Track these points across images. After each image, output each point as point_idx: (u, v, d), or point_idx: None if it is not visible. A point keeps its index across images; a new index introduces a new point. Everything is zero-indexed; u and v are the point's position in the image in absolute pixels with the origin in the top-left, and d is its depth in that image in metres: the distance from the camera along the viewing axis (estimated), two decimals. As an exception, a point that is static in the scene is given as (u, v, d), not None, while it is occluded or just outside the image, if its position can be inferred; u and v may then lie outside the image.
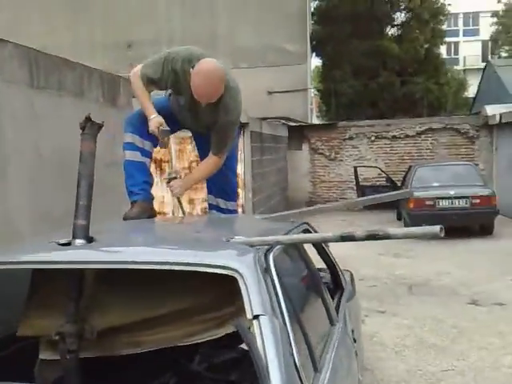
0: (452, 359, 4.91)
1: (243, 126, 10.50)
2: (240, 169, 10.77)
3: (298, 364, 1.85)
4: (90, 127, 2.49)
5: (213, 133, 3.46)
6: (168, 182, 3.52)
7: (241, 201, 10.63)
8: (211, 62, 3.24)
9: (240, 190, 10.65)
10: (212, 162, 3.52)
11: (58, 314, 2.34)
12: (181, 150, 11.18)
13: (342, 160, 16.41)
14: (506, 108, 15.23)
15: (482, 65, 38.21)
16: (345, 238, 1.93)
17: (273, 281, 2.04)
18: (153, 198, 3.56)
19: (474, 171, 12.59)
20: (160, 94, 3.76)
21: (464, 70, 44.90)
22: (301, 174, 16.54)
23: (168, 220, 3.64)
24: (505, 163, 14.90)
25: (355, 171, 14.18)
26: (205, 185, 3.99)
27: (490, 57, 40.83)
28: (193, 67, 3.20)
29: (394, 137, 16.23)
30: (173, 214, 10.53)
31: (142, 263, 2.05)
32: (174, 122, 3.57)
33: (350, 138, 16.30)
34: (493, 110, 15.69)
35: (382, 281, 8.08)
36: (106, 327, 2.33)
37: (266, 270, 2.06)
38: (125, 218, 3.34)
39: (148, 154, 3.52)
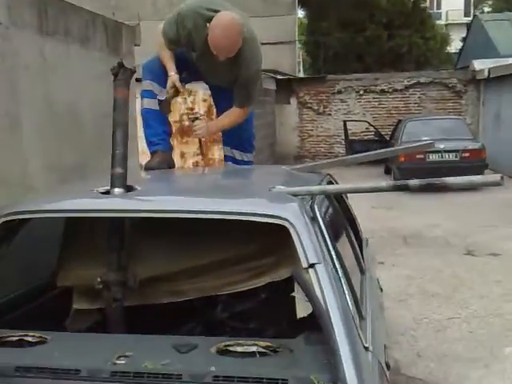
0: (456, 307, 5.03)
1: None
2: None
3: (352, 311, 1.86)
4: (123, 73, 2.39)
5: (235, 87, 3.38)
6: (192, 121, 3.44)
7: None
8: (228, 16, 3.13)
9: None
10: (237, 113, 3.45)
11: (98, 264, 2.32)
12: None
13: (330, 114, 16.34)
14: (494, 63, 15.22)
15: (465, 19, 37.97)
16: (399, 187, 1.91)
17: (321, 230, 2.03)
18: (171, 148, 3.49)
19: (464, 125, 12.66)
20: None
21: (446, 25, 44.53)
22: (289, 129, 16.46)
23: (199, 170, 3.58)
24: (491, 118, 15.00)
25: (345, 125, 14.14)
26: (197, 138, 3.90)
27: (472, 11, 40.49)
28: (207, 21, 3.11)
29: (383, 91, 16.16)
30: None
31: (188, 212, 2.01)
32: (195, 72, 3.51)
33: (339, 92, 16.19)
34: (481, 65, 15.67)
35: (378, 233, 8.17)
36: (147, 276, 2.31)
37: (314, 219, 2.04)
38: (146, 168, 3.28)
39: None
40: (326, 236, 2.01)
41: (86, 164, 4.05)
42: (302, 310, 2.14)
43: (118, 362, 1.71)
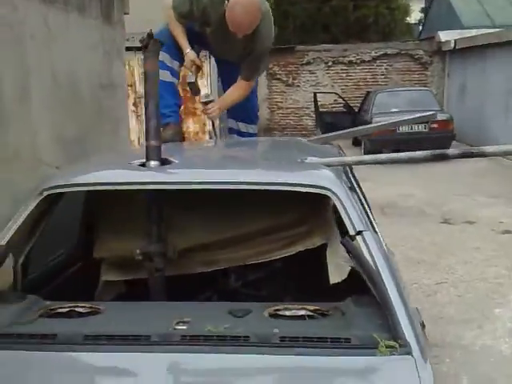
0: (442, 273, 5.25)
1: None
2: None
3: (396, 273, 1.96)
4: (153, 44, 2.38)
5: (246, 60, 3.40)
6: (205, 104, 3.46)
7: (209, 127, 10.51)
8: None
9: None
10: (243, 86, 3.49)
11: (132, 236, 2.35)
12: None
13: (299, 86, 16.38)
14: (459, 34, 15.46)
15: (425, -10, 38.19)
16: (437, 157, 2.00)
17: (359, 198, 2.11)
18: (181, 121, 3.51)
19: (431, 96, 12.92)
20: None
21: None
22: (258, 101, 16.40)
23: (222, 142, 3.60)
24: (456, 89, 15.33)
25: (315, 97, 14.23)
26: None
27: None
28: None
29: (351, 62, 16.27)
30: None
31: (231, 183, 2.06)
32: (204, 45, 3.51)
33: (308, 63, 16.22)
34: (446, 36, 15.91)
35: (355, 203, 8.35)
36: (184, 247, 2.36)
37: (351, 189, 2.12)
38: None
39: (176, 75, 3.44)
40: (364, 204, 2.10)
41: (85, 137, 4.01)
42: (336, 276, 2.23)
43: (179, 327, 1.76)
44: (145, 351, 1.66)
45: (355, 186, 2.20)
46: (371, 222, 2.03)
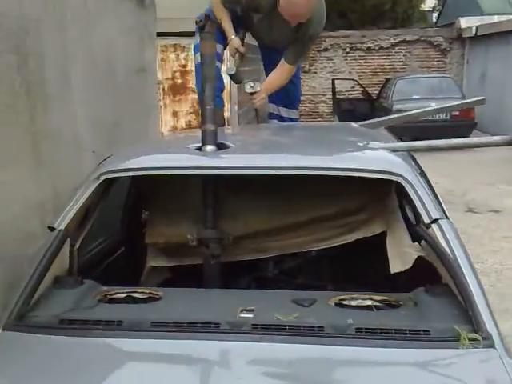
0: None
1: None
2: (225, 79, 10.50)
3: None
4: (211, 26, 2.32)
5: (294, 44, 3.35)
6: (251, 94, 3.39)
7: (227, 113, 10.43)
8: None
9: (226, 103, 10.44)
10: (287, 70, 3.43)
11: (188, 221, 2.31)
12: (163, 59, 10.74)
13: (315, 72, 16.21)
14: (480, 20, 15.24)
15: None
16: (515, 142, 1.93)
17: (429, 184, 2.05)
18: (224, 105, 3.46)
19: (453, 84, 12.75)
20: None
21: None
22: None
23: (274, 127, 3.53)
24: (476, 76, 15.12)
25: (333, 84, 14.08)
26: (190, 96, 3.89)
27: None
28: None
29: (369, 48, 16.07)
30: None
31: (300, 169, 2.00)
32: (249, 29, 3.45)
33: (325, 50, 16.04)
34: (467, 23, 15.68)
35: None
36: (240, 234, 2.31)
37: (421, 175, 2.06)
38: None
39: (219, 58, 3.37)
40: (434, 191, 2.05)
41: (119, 122, 3.96)
42: (398, 265, 2.18)
43: (245, 315, 1.72)
44: (215, 339, 1.62)
45: (423, 172, 2.15)
46: (443, 210, 1.98)
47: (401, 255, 2.16)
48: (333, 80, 14.30)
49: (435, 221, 1.86)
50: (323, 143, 2.42)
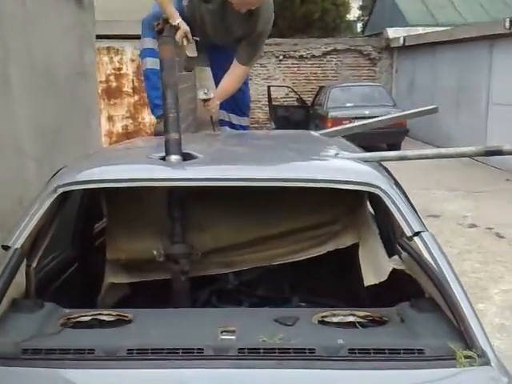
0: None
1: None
2: (161, 86, 10.27)
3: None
4: (170, 29, 2.18)
5: (244, 42, 3.22)
6: (205, 101, 3.21)
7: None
8: None
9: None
10: (241, 71, 3.30)
11: (152, 236, 2.16)
12: (97, 62, 10.39)
13: (250, 79, 16.15)
14: (406, 31, 15.78)
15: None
16: (490, 153, 1.91)
17: (406, 196, 2.00)
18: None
19: (384, 92, 13.10)
20: None
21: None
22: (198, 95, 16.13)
23: (236, 135, 3.37)
24: (405, 85, 15.63)
25: (268, 90, 14.13)
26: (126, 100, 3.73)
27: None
28: None
29: (302, 56, 16.26)
30: None
31: (272, 180, 1.89)
32: (194, 30, 3.26)
33: (259, 57, 16.07)
34: (394, 33, 16.19)
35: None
36: (208, 248, 2.18)
37: (397, 186, 2.01)
38: (157, 134, 3.07)
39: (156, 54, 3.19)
40: (410, 202, 1.99)
41: (60, 128, 3.73)
42: (371, 277, 2.12)
43: (227, 337, 1.59)
44: (201, 367, 1.47)
45: (398, 183, 2.09)
46: (422, 222, 1.92)
47: (375, 267, 2.09)
48: (268, 87, 14.35)
49: (417, 233, 1.80)
50: (292, 153, 2.32)
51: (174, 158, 2.03)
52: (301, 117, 13.71)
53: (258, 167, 2.04)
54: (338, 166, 2.06)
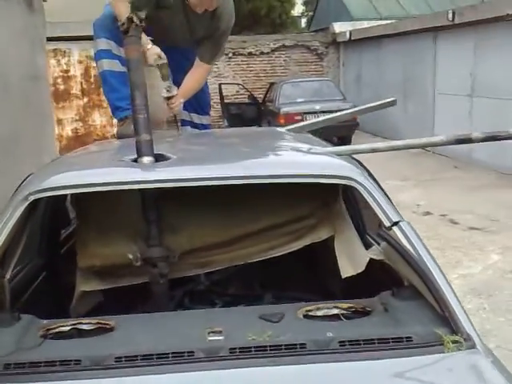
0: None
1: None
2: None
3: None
4: (135, 29, 2.14)
5: (207, 41, 3.18)
6: (168, 99, 3.15)
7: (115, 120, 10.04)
8: None
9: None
10: (204, 70, 3.26)
11: (125, 240, 2.11)
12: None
13: (200, 77, 16.09)
14: (352, 26, 16.04)
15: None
16: (461, 141, 1.96)
17: (381, 187, 2.03)
18: None
19: (333, 86, 13.27)
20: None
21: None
22: (158, 92, 15.95)
23: (205, 134, 3.31)
24: (352, 78, 15.89)
25: (220, 88, 14.07)
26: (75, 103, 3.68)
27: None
28: None
29: (250, 53, 16.29)
30: None
31: (245, 178, 1.88)
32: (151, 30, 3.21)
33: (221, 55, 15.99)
34: (339, 28, 16.42)
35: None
36: (184, 249, 2.15)
37: (372, 178, 2.04)
38: (120, 136, 3.00)
39: (115, 57, 3.12)
40: (386, 194, 2.03)
41: (15, 133, 3.62)
42: (348, 269, 2.15)
43: (215, 337, 1.58)
44: (194, 370, 1.45)
45: (372, 175, 2.12)
46: (398, 212, 1.96)
47: (352, 259, 2.12)
48: (219, 85, 14.30)
49: (396, 223, 1.83)
50: (264, 150, 2.32)
51: (146, 159, 2.00)
52: (253, 114, 13.74)
53: (233, 165, 2.03)
54: (312, 160, 2.07)
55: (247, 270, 2.47)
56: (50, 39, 8.92)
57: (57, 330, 1.70)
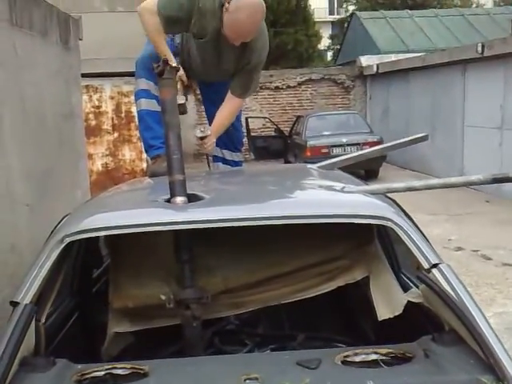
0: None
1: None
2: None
3: None
4: (170, 71, 2.17)
5: (239, 74, 3.16)
6: (201, 139, 3.17)
7: (145, 154, 10.17)
8: None
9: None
10: (236, 104, 3.21)
11: (157, 281, 2.11)
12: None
13: (228, 111, 16.28)
14: (379, 59, 16.11)
15: (330, 17, 39.63)
16: (498, 180, 1.92)
17: (418, 227, 2.00)
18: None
19: (361, 119, 13.28)
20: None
21: (314, 23, 46.29)
22: (187, 126, 16.18)
23: (236, 173, 3.32)
24: (379, 111, 15.88)
25: (246, 122, 14.19)
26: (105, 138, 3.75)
27: (336, 10, 42.21)
28: (226, 1, 2.85)
29: (277, 87, 16.46)
30: None
31: (278, 218, 1.87)
32: (185, 65, 3.25)
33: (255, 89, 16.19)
34: (366, 61, 16.52)
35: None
36: (217, 290, 2.14)
37: (408, 217, 2.01)
38: (152, 175, 3.02)
39: (151, 95, 3.17)
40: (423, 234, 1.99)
41: (51, 171, 3.68)
42: (386, 311, 2.10)
43: None
44: None
45: (408, 214, 2.09)
46: (436, 253, 1.92)
47: (389, 301, 2.08)
48: (246, 118, 14.42)
49: (435, 265, 1.79)
50: (297, 189, 2.31)
51: (179, 199, 2.00)
52: (279, 146, 13.80)
53: (266, 205, 2.02)
54: (347, 200, 2.05)
55: (276, 308, 2.43)
56: (82, 76, 9.20)
57: (91, 375, 1.69)
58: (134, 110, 10.12)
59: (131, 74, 9.67)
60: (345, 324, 2.54)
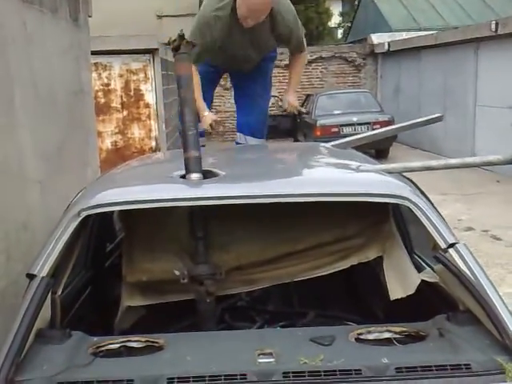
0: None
1: (153, 51, 9.88)
2: (152, 98, 10.19)
3: None
4: (186, 46, 2.14)
5: (289, 40, 3.42)
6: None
7: (154, 133, 10.15)
8: None
9: (153, 122, 10.17)
10: (302, 58, 3.74)
11: (172, 256, 2.12)
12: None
13: (236, 89, 16.20)
14: (390, 37, 15.90)
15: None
16: (516, 160, 1.89)
17: (434, 206, 1.98)
18: None
19: (371, 98, 13.15)
20: None
21: (324, 0, 45.73)
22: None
23: (253, 149, 3.33)
24: (390, 90, 15.72)
25: (256, 100, 14.13)
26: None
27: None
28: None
29: (287, 65, 16.24)
30: None
31: (293, 196, 1.86)
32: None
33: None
34: (378, 39, 16.31)
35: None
36: (231, 267, 2.14)
37: (425, 197, 1.99)
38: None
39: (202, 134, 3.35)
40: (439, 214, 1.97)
41: (62, 149, 3.67)
42: (398, 291, 2.10)
43: (265, 360, 1.56)
44: None
45: (424, 194, 2.07)
46: (453, 233, 1.91)
47: (402, 281, 2.07)
48: (255, 97, 14.33)
49: (452, 245, 1.78)
50: (313, 167, 2.30)
51: (194, 176, 2.00)
52: (288, 126, 13.73)
53: (281, 183, 2.01)
54: (363, 178, 2.03)
55: (286, 286, 2.44)
56: (91, 53, 9.15)
57: (106, 348, 1.70)
58: (142, 87, 10.10)
59: (140, 52, 9.64)
60: (354, 303, 2.54)
